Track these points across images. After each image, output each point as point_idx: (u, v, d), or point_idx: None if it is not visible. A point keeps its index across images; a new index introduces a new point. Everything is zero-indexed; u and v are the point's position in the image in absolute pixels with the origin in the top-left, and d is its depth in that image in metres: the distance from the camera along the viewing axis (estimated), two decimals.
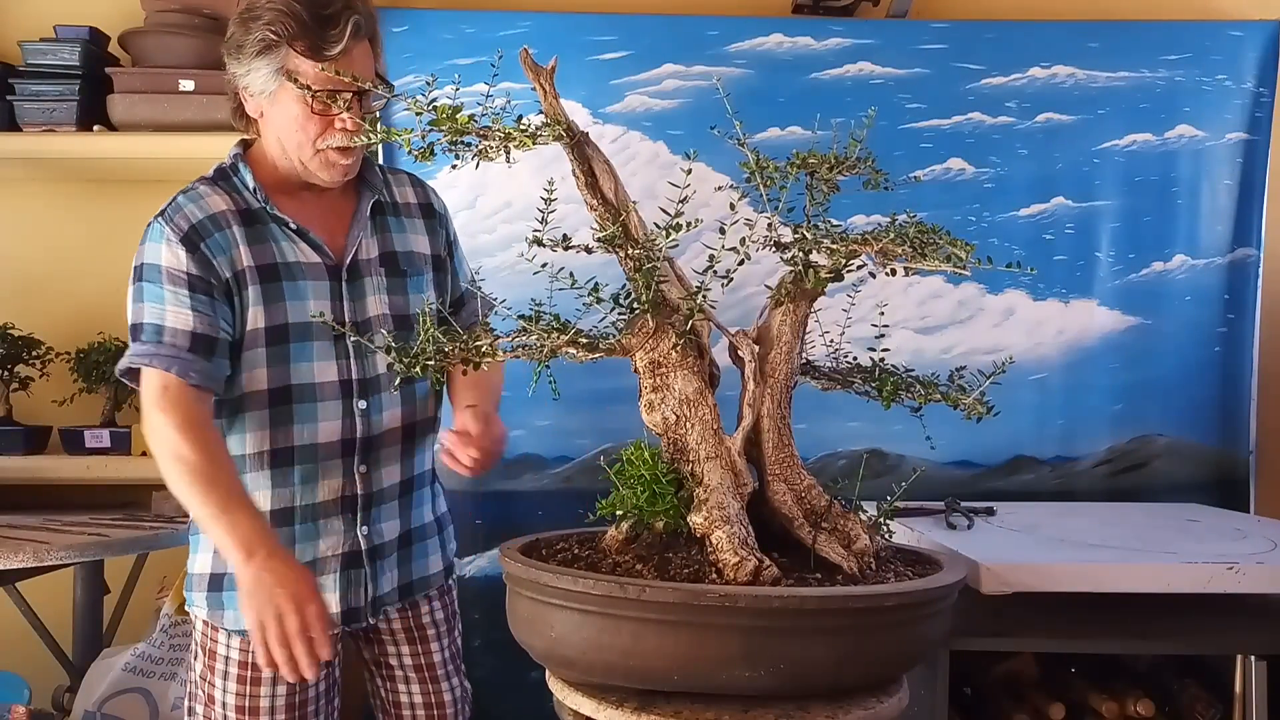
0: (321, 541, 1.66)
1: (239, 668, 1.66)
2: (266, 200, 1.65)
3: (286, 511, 1.65)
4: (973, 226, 2.69)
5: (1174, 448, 2.71)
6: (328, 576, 1.67)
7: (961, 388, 1.39)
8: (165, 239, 1.59)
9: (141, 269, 1.61)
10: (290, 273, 1.64)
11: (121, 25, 2.65)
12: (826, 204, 1.37)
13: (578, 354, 1.35)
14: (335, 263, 1.68)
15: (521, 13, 2.69)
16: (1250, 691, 1.71)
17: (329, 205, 1.71)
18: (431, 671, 1.80)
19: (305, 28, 1.56)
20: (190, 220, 1.61)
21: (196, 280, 1.58)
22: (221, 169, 1.71)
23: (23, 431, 2.58)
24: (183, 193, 1.66)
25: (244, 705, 1.65)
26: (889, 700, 1.27)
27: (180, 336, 1.56)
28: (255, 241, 1.63)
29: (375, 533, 1.71)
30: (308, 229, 1.66)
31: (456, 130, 1.32)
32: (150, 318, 1.58)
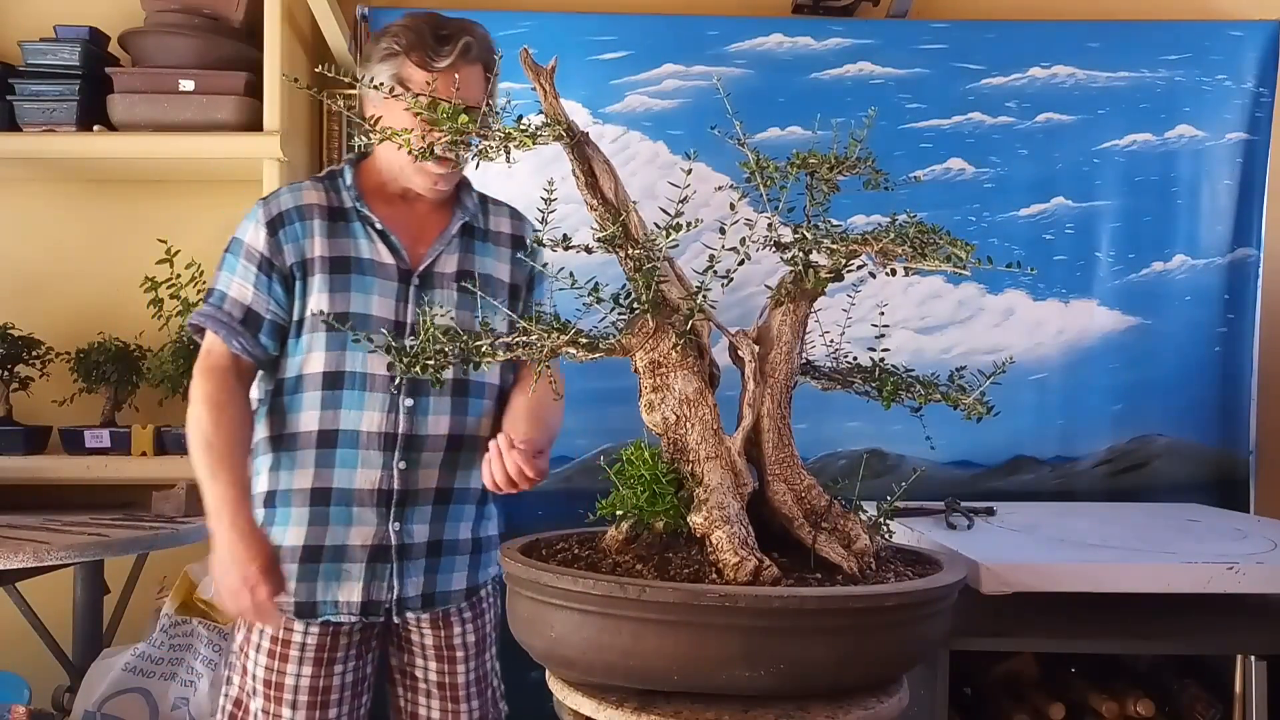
0: (353, 529, 1.74)
1: (270, 642, 1.75)
2: (358, 199, 1.79)
3: (325, 491, 1.74)
4: (973, 226, 2.69)
5: (1174, 448, 2.71)
6: (354, 565, 1.74)
7: (961, 388, 1.39)
8: (255, 220, 1.77)
9: (231, 242, 1.79)
10: (361, 267, 1.76)
11: (121, 25, 2.65)
12: (826, 204, 1.37)
13: (578, 354, 1.35)
14: (409, 268, 1.78)
15: (521, 13, 2.69)
16: (1250, 691, 1.71)
17: (422, 217, 1.83)
18: (454, 691, 1.85)
19: (422, 41, 1.71)
20: (281, 208, 1.77)
21: (264, 260, 1.75)
22: (331, 170, 1.87)
23: (23, 431, 2.57)
24: (289, 186, 1.84)
25: (270, 680, 1.74)
26: (889, 700, 1.27)
27: (236, 307, 1.74)
28: (333, 235, 1.77)
29: (406, 532, 1.76)
30: (391, 232, 1.78)
31: (456, 130, 1.32)
32: (221, 284, 1.77)
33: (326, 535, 1.73)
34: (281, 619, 1.72)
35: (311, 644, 1.74)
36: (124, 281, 2.70)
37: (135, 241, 2.73)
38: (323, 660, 1.74)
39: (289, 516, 1.75)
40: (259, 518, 1.74)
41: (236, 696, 1.79)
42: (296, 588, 1.72)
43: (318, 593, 1.73)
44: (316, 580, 1.73)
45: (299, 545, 1.73)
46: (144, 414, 2.71)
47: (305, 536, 1.73)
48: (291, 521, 1.74)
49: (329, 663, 1.75)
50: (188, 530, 2.31)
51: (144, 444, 2.54)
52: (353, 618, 1.74)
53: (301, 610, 1.73)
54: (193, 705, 2.26)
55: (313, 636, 1.74)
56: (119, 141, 2.54)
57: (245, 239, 1.76)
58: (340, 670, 1.76)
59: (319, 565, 1.73)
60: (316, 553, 1.73)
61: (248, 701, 1.77)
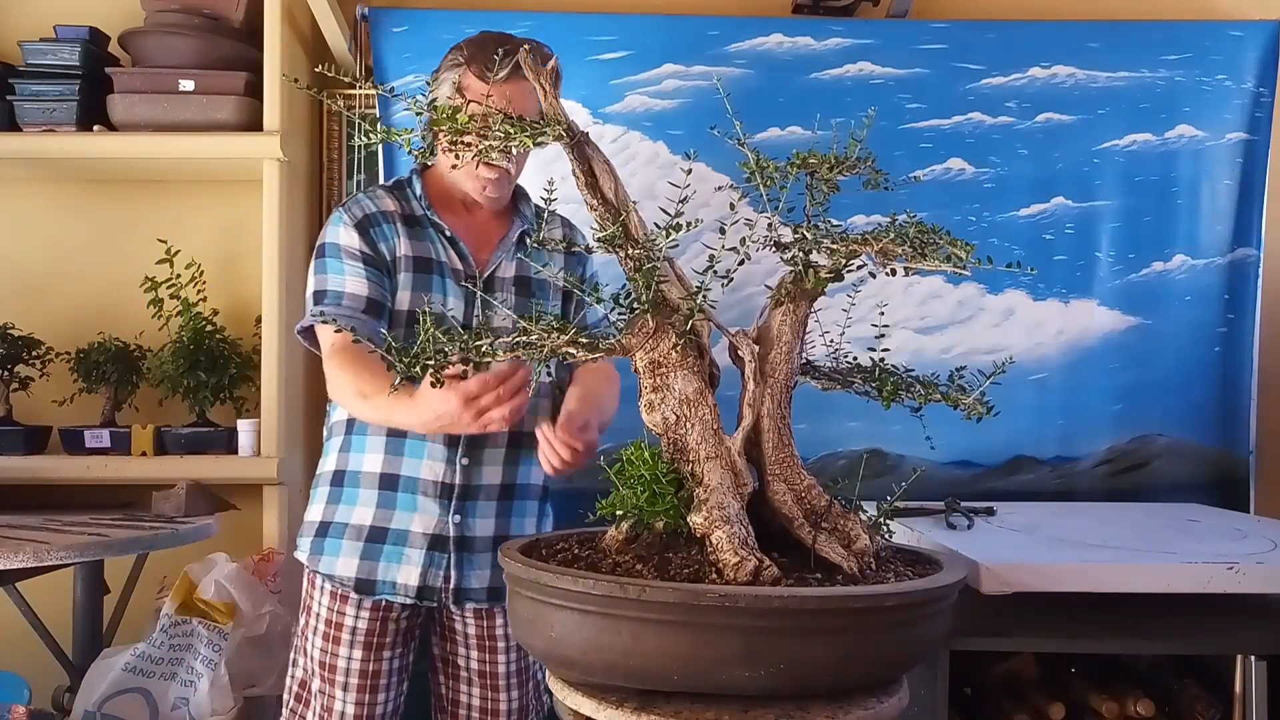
0: (416, 516, 1.84)
1: (324, 625, 1.88)
2: (429, 208, 1.91)
3: (392, 478, 1.85)
4: (973, 226, 2.69)
5: (1174, 448, 2.71)
6: (414, 550, 1.84)
7: (961, 388, 1.39)
8: (343, 223, 1.87)
9: (324, 247, 1.87)
10: (439, 270, 1.88)
11: (121, 25, 2.65)
12: (826, 204, 1.37)
13: (578, 354, 1.35)
14: (474, 273, 1.90)
15: (521, 13, 2.69)
16: (1250, 691, 1.71)
17: (482, 225, 1.96)
18: (494, 680, 1.94)
19: (484, 53, 1.81)
20: (365, 211, 1.89)
21: (369, 256, 1.84)
22: (398, 180, 1.99)
23: (23, 431, 2.57)
24: (363, 192, 1.95)
25: (325, 661, 1.87)
26: (889, 700, 1.27)
27: (358, 300, 1.82)
28: (414, 238, 1.89)
29: (466, 525, 1.86)
30: (459, 238, 1.90)
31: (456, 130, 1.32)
32: (333, 285, 1.84)
33: (392, 519, 1.84)
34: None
35: (362, 629, 1.85)
36: (124, 281, 2.70)
37: (135, 241, 2.73)
38: (372, 645, 1.86)
39: (357, 496, 1.87)
40: (325, 495, 1.90)
41: (301, 678, 1.92)
42: (359, 565, 1.84)
43: (378, 572, 1.84)
44: (378, 560, 1.84)
45: (366, 524, 1.85)
46: (144, 414, 2.71)
47: (372, 517, 1.85)
48: (359, 501, 1.86)
49: (378, 647, 1.86)
50: (188, 530, 2.31)
51: (144, 444, 2.54)
52: (408, 599, 1.85)
53: (361, 586, 1.84)
54: (193, 705, 2.26)
55: (363, 621, 1.85)
56: (119, 141, 2.54)
57: (340, 241, 1.85)
58: (389, 655, 1.87)
59: (382, 546, 1.84)
60: (381, 534, 1.85)
61: (309, 682, 1.90)
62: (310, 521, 1.92)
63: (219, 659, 2.28)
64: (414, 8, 2.71)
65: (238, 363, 2.61)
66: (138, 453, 2.54)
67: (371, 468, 1.86)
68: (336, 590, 1.87)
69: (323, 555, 1.87)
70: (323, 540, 1.88)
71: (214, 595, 2.34)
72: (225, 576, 2.36)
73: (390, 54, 2.67)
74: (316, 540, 1.89)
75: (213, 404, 2.60)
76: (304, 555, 1.91)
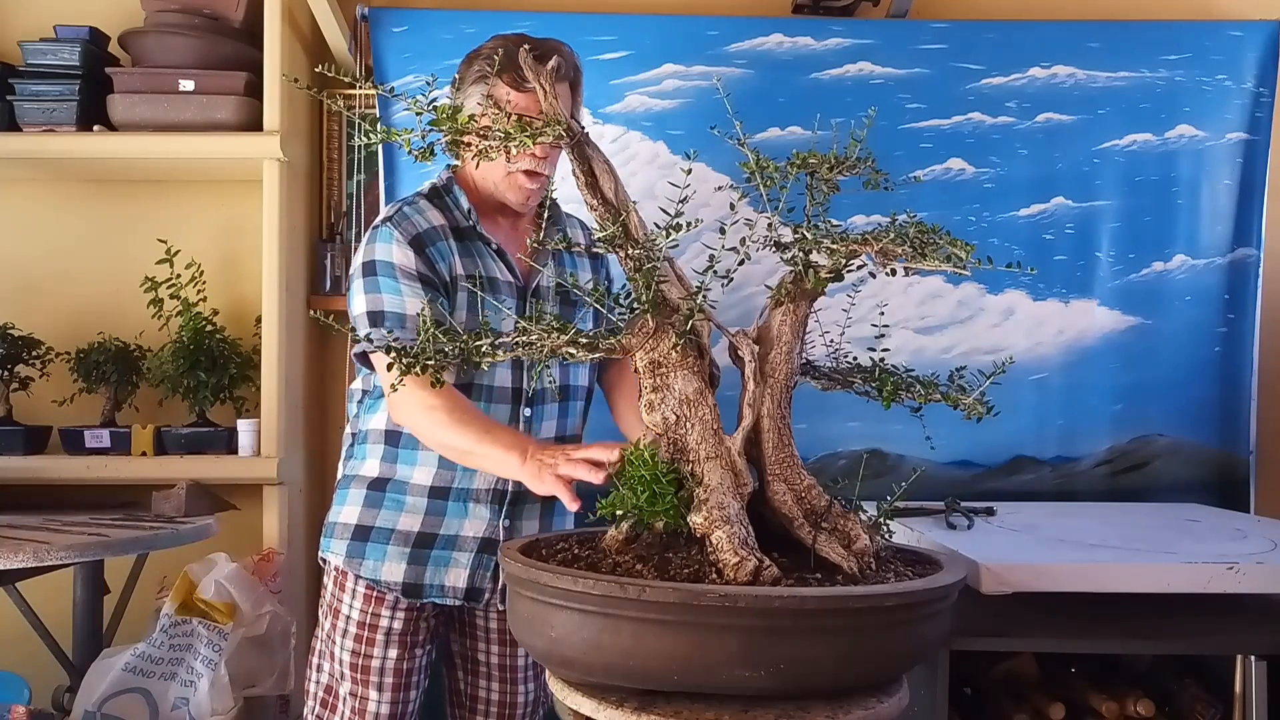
0: (467, 521, 1.86)
1: (357, 627, 1.87)
2: (477, 221, 1.88)
3: (444, 489, 1.85)
4: (973, 226, 2.69)
5: (1174, 448, 2.71)
6: (463, 554, 1.86)
7: (961, 388, 1.39)
8: (395, 240, 1.79)
9: (375, 264, 1.80)
10: (494, 286, 1.87)
11: (121, 25, 2.65)
12: (826, 204, 1.37)
13: (578, 354, 1.35)
14: (523, 284, 1.91)
15: (521, 13, 2.69)
16: (1250, 691, 1.71)
17: (521, 233, 1.95)
18: (513, 674, 1.98)
19: (512, 62, 1.72)
20: (417, 228, 1.82)
21: (426, 277, 1.79)
22: (435, 188, 1.92)
23: (23, 431, 2.57)
24: (406, 203, 1.87)
25: (358, 664, 1.87)
26: (889, 700, 1.27)
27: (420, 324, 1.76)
28: (465, 255, 1.86)
29: (516, 528, 1.88)
30: (505, 250, 1.89)
31: (456, 130, 1.32)
32: (391, 306, 1.77)
33: (442, 526, 1.85)
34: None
35: (397, 629, 1.86)
36: (124, 281, 2.70)
37: (135, 241, 2.73)
38: (406, 644, 1.87)
39: (404, 505, 1.86)
40: (363, 498, 1.87)
41: (327, 684, 1.91)
42: (406, 570, 1.84)
43: (425, 576, 1.85)
44: (426, 565, 1.85)
45: (414, 531, 1.85)
46: (144, 414, 2.71)
47: (421, 524, 1.85)
48: (406, 509, 1.86)
49: (411, 645, 1.88)
50: (188, 530, 2.31)
51: (144, 444, 2.54)
52: (456, 601, 1.87)
53: (408, 590, 1.85)
54: (193, 705, 2.26)
55: (399, 621, 1.86)
56: (119, 141, 2.54)
57: (394, 260, 1.78)
58: (420, 653, 1.90)
59: (430, 551, 1.85)
60: (430, 540, 1.85)
61: (336, 686, 1.90)
62: (344, 524, 1.89)
63: (219, 659, 2.28)
64: (414, 8, 2.71)
65: (238, 363, 2.61)
66: (138, 453, 2.54)
67: (422, 480, 1.85)
68: (372, 593, 1.86)
69: (364, 559, 1.85)
70: (364, 544, 1.86)
71: (214, 595, 2.34)
72: (225, 576, 2.35)
73: (390, 54, 2.67)
74: (355, 544, 1.86)
75: (213, 404, 2.60)
76: (339, 558, 1.88)
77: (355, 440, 1.95)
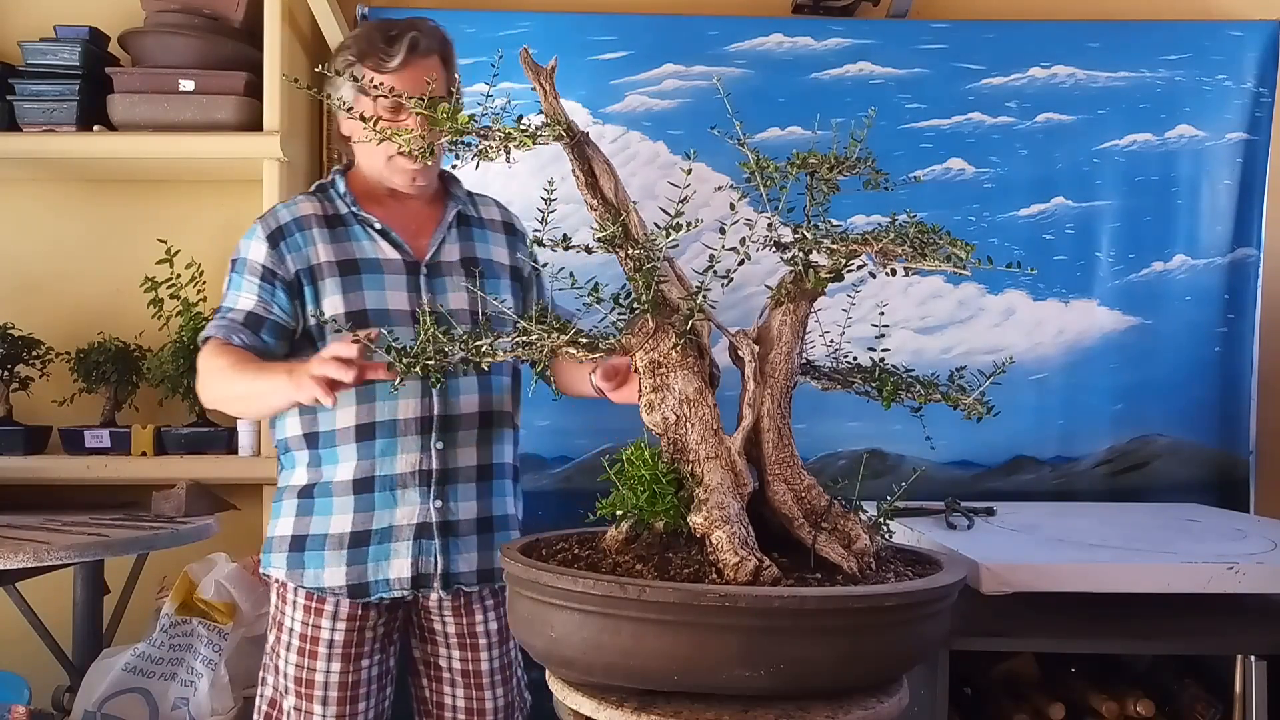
0: (398, 510, 1.82)
1: (299, 640, 1.83)
2: (354, 204, 1.89)
3: (368, 480, 1.82)
4: (973, 226, 2.69)
5: (1174, 448, 2.71)
6: (401, 543, 1.82)
7: (961, 388, 1.39)
8: (256, 236, 1.85)
9: (234, 262, 1.87)
10: (370, 266, 1.85)
11: (121, 25, 2.65)
12: (826, 204, 1.37)
13: (578, 354, 1.35)
14: (415, 259, 1.88)
15: (521, 13, 2.69)
16: (1250, 691, 1.71)
17: (415, 212, 1.93)
18: (477, 679, 1.92)
19: (373, 45, 1.81)
20: (279, 222, 1.86)
21: (266, 271, 1.82)
22: (321, 184, 1.95)
23: (23, 431, 2.57)
24: (282, 203, 1.93)
25: (301, 677, 1.82)
26: (889, 700, 1.27)
27: (238, 314, 1.82)
28: (336, 240, 1.86)
29: (449, 509, 1.84)
30: (390, 229, 1.88)
31: (456, 130, 1.32)
32: (227, 301, 1.85)
33: (373, 520, 1.81)
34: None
35: (339, 640, 1.82)
36: (124, 281, 2.70)
37: (135, 241, 2.73)
38: (350, 656, 1.82)
39: (331, 506, 1.83)
40: (295, 508, 1.86)
41: (271, 697, 1.87)
42: (348, 571, 1.80)
43: (368, 574, 1.81)
44: (366, 562, 1.81)
45: (346, 532, 1.81)
46: (144, 414, 2.71)
47: (352, 523, 1.81)
48: (335, 510, 1.82)
49: (356, 658, 1.83)
50: (188, 530, 2.31)
51: (144, 444, 2.54)
52: (404, 592, 1.81)
53: (354, 591, 1.81)
54: (193, 705, 2.26)
55: (340, 633, 1.82)
56: (119, 141, 2.54)
57: (247, 255, 1.84)
58: (367, 664, 1.84)
59: (368, 548, 1.81)
60: (364, 537, 1.81)
61: (280, 701, 1.85)
62: (280, 537, 1.86)
63: (219, 659, 2.28)
64: (414, 8, 2.70)
65: None
66: (138, 453, 2.54)
67: (344, 476, 1.82)
68: (311, 603, 1.82)
69: (305, 569, 1.82)
70: (301, 554, 1.83)
71: (214, 595, 2.34)
72: (225, 576, 2.36)
73: None
74: (294, 555, 1.83)
75: None
76: (280, 571, 1.84)
77: (281, 451, 1.92)
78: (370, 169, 1.90)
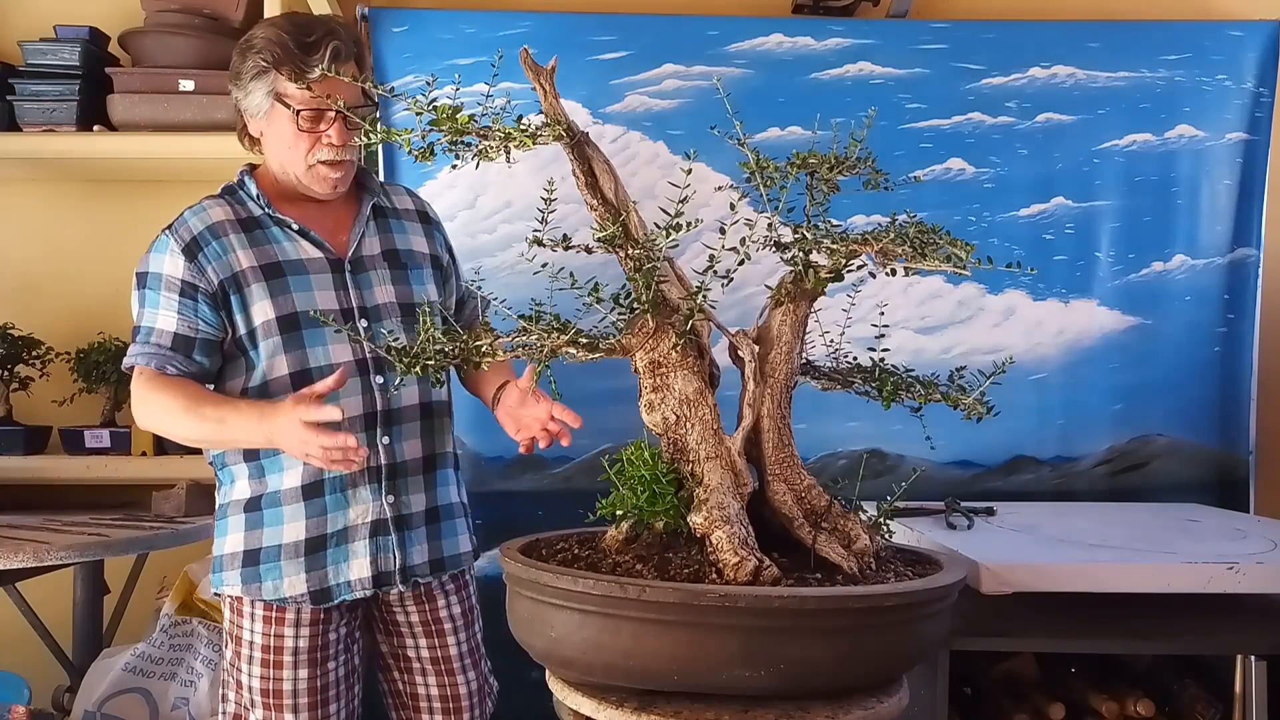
0: (351, 510, 1.79)
1: (261, 651, 1.78)
2: (268, 205, 1.82)
3: (317, 485, 1.78)
4: (973, 226, 2.69)
5: (1174, 448, 2.71)
6: (359, 543, 1.79)
7: (961, 388, 1.39)
8: (169, 249, 1.77)
9: (145, 277, 1.79)
10: (294, 268, 1.79)
11: (121, 25, 2.65)
12: (826, 204, 1.37)
13: (578, 354, 1.35)
14: (338, 257, 1.83)
15: (521, 13, 2.69)
16: (1250, 691, 1.71)
17: (330, 209, 1.87)
18: (448, 665, 1.90)
19: (290, 54, 1.72)
20: (192, 232, 1.77)
21: (186, 286, 1.75)
22: (229, 186, 1.87)
23: (23, 431, 2.57)
24: (189, 209, 1.82)
25: (268, 688, 1.77)
26: (889, 700, 1.27)
27: (164, 336, 1.75)
28: (255, 244, 1.79)
29: (402, 503, 1.82)
30: (309, 229, 1.82)
31: (456, 130, 1.32)
32: (145, 321, 1.77)
33: (327, 523, 1.78)
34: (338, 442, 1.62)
35: (304, 646, 1.78)
36: (124, 281, 2.66)
37: (135, 241, 2.69)
38: (316, 660, 1.79)
39: (282, 515, 1.78)
40: (242, 523, 1.80)
41: (235, 712, 1.83)
42: (308, 579, 1.76)
43: (329, 578, 1.78)
44: (326, 567, 1.78)
45: (300, 539, 1.77)
46: None
47: (306, 530, 1.77)
48: (286, 519, 1.78)
49: (322, 661, 1.79)
50: (188, 530, 2.31)
51: (144, 444, 2.54)
52: (365, 592, 1.79)
53: (317, 597, 1.77)
54: (193, 705, 2.26)
55: (304, 640, 1.78)
56: (119, 141, 2.54)
57: (163, 271, 1.76)
58: (334, 666, 1.81)
59: (325, 552, 1.78)
60: (321, 542, 1.78)
61: (246, 715, 1.81)
62: (231, 554, 1.80)
63: (219, 659, 2.28)
64: (414, 7, 2.70)
65: None
66: (138, 453, 2.54)
67: (292, 483, 1.77)
68: (272, 614, 1.77)
69: (262, 582, 1.77)
70: (256, 569, 1.77)
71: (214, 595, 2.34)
72: None
73: (390, 54, 2.66)
74: (248, 570, 1.78)
75: None
76: (235, 589, 1.78)
77: (218, 466, 1.86)
78: (286, 175, 1.82)
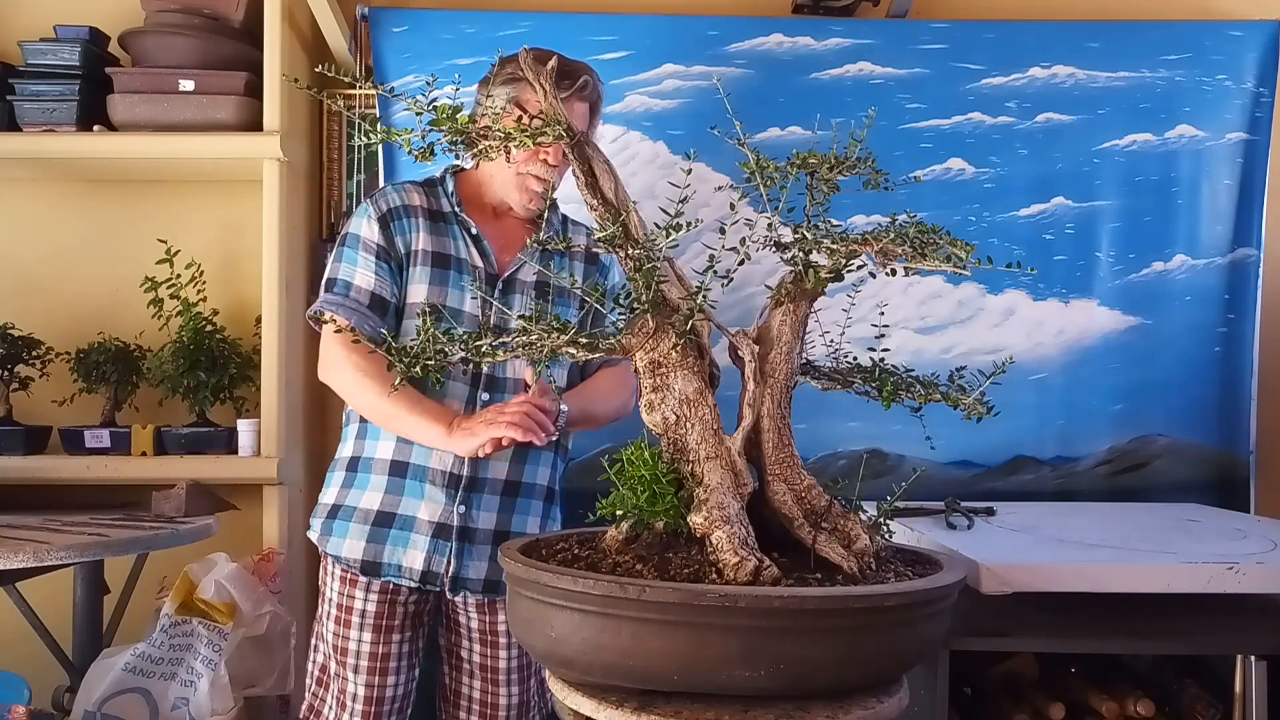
0: (423, 504, 1.90)
1: (336, 609, 1.93)
2: (459, 205, 1.98)
3: (402, 465, 1.91)
4: (973, 226, 2.69)
5: (1174, 448, 2.71)
6: (420, 536, 1.89)
7: (961, 388, 1.39)
8: (368, 216, 1.94)
9: (345, 237, 1.95)
10: (459, 266, 1.94)
11: (121, 25, 2.65)
12: (826, 204, 1.37)
13: (578, 354, 1.35)
14: (495, 272, 1.96)
15: (521, 13, 2.69)
16: (1250, 691, 1.71)
17: (509, 229, 2.01)
18: (494, 675, 1.98)
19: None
20: (390, 204, 1.95)
21: (381, 250, 1.91)
22: (431, 178, 2.04)
23: (23, 431, 2.57)
24: (391, 185, 2.02)
25: (338, 645, 1.93)
26: (889, 700, 1.27)
27: (362, 294, 1.90)
28: (436, 234, 1.95)
29: (471, 516, 1.90)
30: (484, 237, 1.97)
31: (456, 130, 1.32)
32: (343, 275, 1.92)
33: (400, 505, 1.90)
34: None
35: (371, 611, 1.90)
36: (124, 281, 2.70)
37: (135, 241, 2.73)
38: (381, 627, 1.90)
39: (369, 482, 1.93)
40: (341, 479, 1.96)
41: (321, 662, 1.99)
42: (365, 547, 1.89)
43: (383, 554, 1.89)
44: (384, 543, 1.89)
45: (374, 509, 1.91)
46: (144, 414, 2.71)
47: (381, 502, 1.90)
48: (370, 486, 1.92)
49: (387, 630, 1.91)
50: (188, 530, 2.31)
51: (144, 444, 2.54)
52: (412, 583, 1.89)
53: (366, 568, 1.89)
54: (193, 705, 2.26)
55: (372, 604, 1.90)
56: (119, 141, 2.54)
57: (361, 233, 1.92)
58: (398, 639, 1.92)
59: (389, 530, 1.90)
60: (388, 519, 1.90)
61: (329, 665, 1.96)
62: (324, 504, 1.98)
63: (219, 659, 2.28)
64: (414, 8, 2.71)
65: (238, 363, 2.61)
66: (138, 453, 2.54)
67: (384, 454, 1.91)
68: (346, 574, 1.91)
69: (331, 536, 1.92)
70: (332, 522, 1.93)
71: (214, 595, 2.34)
72: (225, 576, 2.35)
73: (390, 54, 2.67)
74: (327, 522, 1.94)
75: (213, 404, 2.60)
76: (315, 535, 1.97)
77: (345, 422, 2.03)
78: (491, 180, 1.97)
